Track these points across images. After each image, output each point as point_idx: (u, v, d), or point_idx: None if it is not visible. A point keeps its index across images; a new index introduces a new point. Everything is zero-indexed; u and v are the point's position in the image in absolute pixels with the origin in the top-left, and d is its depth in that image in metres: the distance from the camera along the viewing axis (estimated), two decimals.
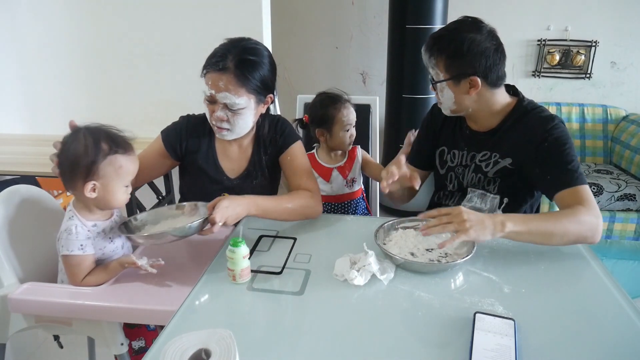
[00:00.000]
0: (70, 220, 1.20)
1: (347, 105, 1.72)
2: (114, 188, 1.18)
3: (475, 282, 1.11)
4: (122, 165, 1.17)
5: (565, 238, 1.18)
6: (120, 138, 1.20)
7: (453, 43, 1.30)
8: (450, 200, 1.53)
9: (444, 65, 1.33)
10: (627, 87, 3.32)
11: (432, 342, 0.91)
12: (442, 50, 1.32)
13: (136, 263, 1.16)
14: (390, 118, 3.23)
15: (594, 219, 1.19)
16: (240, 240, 1.10)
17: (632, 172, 2.92)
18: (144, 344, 1.34)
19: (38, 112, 2.64)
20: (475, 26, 1.32)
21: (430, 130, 1.56)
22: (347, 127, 1.72)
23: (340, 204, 1.80)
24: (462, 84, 1.33)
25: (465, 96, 1.34)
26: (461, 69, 1.31)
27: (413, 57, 2.92)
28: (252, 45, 1.37)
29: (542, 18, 3.24)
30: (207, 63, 1.35)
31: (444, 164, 1.53)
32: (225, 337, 0.77)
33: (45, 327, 1.26)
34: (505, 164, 1.38)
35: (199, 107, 1.43)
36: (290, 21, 3.60)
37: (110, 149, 1.16)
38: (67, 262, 1.19)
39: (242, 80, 1.32)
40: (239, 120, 1.37)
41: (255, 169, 1.52)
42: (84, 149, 1.14)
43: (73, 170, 1.15)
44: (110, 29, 2.44)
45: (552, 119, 1.33)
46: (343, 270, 1.12)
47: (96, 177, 1.15)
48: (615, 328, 0.94)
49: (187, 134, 1.47)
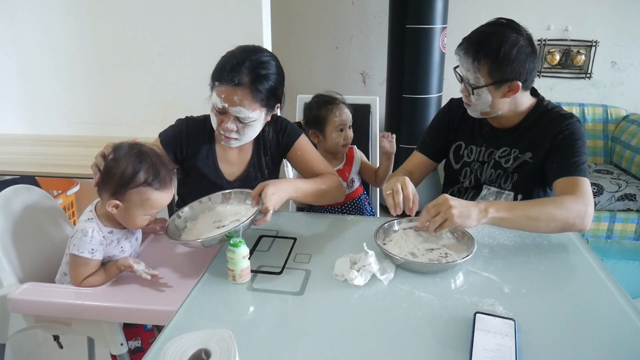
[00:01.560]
0: (89, 222, 1.20)
1: (340, 106, 1.71)
2: (134, 214, 1.19)
3: (475, 282, 1.11)
4: (149, 199, 1.17)
5: (552, 224, 1.19)
6: (164, 171, 1.19)
7: (501, 49, 1.27)
8: (464, 196, 1.53)
9: (487, 70, 1.30)
10: (628, 87, 3.32)
11: (432, 342, 0.91)
12: (489, 55, 1.29)
13: (132, 267, 1.16)
14: (390, 118, 3.23)
15: (582, 206, 1.20)
16: (240, 240, 1.10)
17: (633, 172, 2.92)
18: (139, 344, 1.34)
19: (38, 112, 2.63)
20: (517, 30, 1.31)
21: (447, 124, 1.56)
22: (340, 127, 1.70)
23: (342, 206, 1.79)
24: (502, 88, 1.31)
25: (502, 100, 1.33)
26: (506, 75, 1.29)
27: (413, 57, 2.92)
28: (265, 58, 1.35)
29: (542, 18, 3.24)
30: (218, 75, 1.32)
31: (459, 158, 1.53)
32: (225, 337, 0.77)
33: (45, 327, 1.26)
34: (526, 157, 1.39)
35: (199, 107, 1.43)
36: (290, 21, 3.60)
37: (145, 181, 1.16)
38: (73, 261, 1.19)
39: (257, 95, 1.31)
40: (248, 131, 1.37)
41: (255, 171, 1.52)
42: (123, 169, 1.14)
43: (105, 182, 1.17)
44: (110, 29, 2.44)
45: (571, 116, 1.36)
46: (343, 270, 1.12)
47: (121, 198, 1.16)
48: (615, 328, 0.94)
49: (187, 138, 1.45)
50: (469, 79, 1.34)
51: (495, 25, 1.33)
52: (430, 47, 2.87)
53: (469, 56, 1.31)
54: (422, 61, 2.92)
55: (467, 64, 1.32)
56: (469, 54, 1.31)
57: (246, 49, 1.36)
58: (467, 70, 1.33)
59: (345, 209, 1.79)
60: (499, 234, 1.32)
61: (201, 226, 1.29)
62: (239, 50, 1.36)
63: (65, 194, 2.63)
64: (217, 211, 1.34)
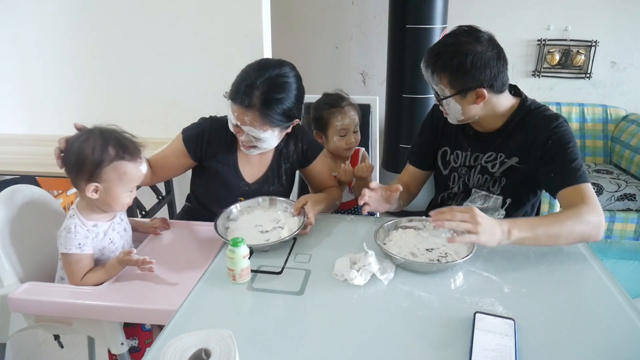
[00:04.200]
0: (71, 218, 1.20)
1: (344, 110, 1.66)
2: (117, 192, 1.18)
3: (475, 282, 1.11)
4: (126, 172, 1.17)
5: (571, 238, 1.19)
6: (131, 144, 1.19)
7: (455, 59, 1.26)
8: (454, 202, 1.52)
9: (448, 81, 1.30)
10: (627, 87, 3.32)
11: (432, 342, 0.91)
12: (445, 67, 1.29)
13: (132, 251, 1.16)
14: (390, 118, 3.23)
15: (597, 217, 1.19)
16: (240, 240, 1.10)
17: (632, 172, 2.92)
18: (136, 344, 1.34)
19: (38, 112, 2.63)
20: (474, 36, 1.28)
21: (432, 131, 1.55)
22: (342, 133, 1.67)
23: (344, 212, 1.76)
24: (468, 96, 1.30)
25: (472, 106, 1.32)
26: (466, 84, 1.28)
27: (413, 57, 2.91)
28: (282, 80, 1.33)
29: (542, 18, 3.24)
30: (232, 92, 1.34)
31: (447, 164, 1.52)
32: (225, 337, 0.77)
33: (46, 327, 1.26)
34: (512, 162, 1.37)
35: (199, 107, 1.44)
36: (290, 21, 3.60)
37: (117, 154, 1.16)
38: (65, 261, 1.19)
39: (267, 119, 1.33)
40: (264, 145, 1.40)
41: (273, 176, 1.54)
42: (91, 150, 1.14)
43: (78, 170, 1.16)
44: (110, 29, 2.44)
45: (557, 117, 1.33)
46: (343, 270, 1.12)
47: (99, 180, 1.16)
48: (615, 328, 0.95)
49: (210, 137, 1.47)
50: (435, 90, 1.36)
51: (454, 35, 1.31)
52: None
53: (428, 70, 1.33)
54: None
55: (428, 76, 1.34)
56: (429, 68, 1.33)
57: (262, 66, 1.35)
58: (431, 83, 1.35)
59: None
60: None
61: (243, 228, 1.36)
62: (257, 66, 1.35)
63: (65, 194, 2.63)
64: (257, 215, 1.42)
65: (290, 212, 1.40)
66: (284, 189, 1.57)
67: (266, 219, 1.39)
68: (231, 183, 1.50)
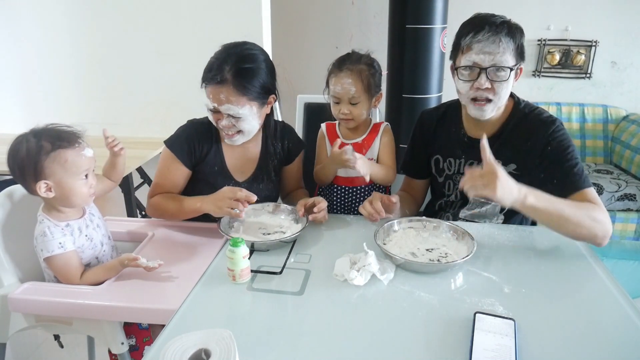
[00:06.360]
0: (42, 224, 1.18)
1: (341, 75, 1.47)
2: (69, 184, 1.15)
3: (475, 282, 1.11)
4: (67, 159, 1.14)
5: (578, 230, 1.18)
6: (65, 133, 1.16)
7: (516, 29, 1.27)
8: (451, 209, 1.50)
9: (514, 48, 1.26)
10: (627, 87, 3.32)
11: (432, 342, 0.91)
12: (513, 35, 1.26)
13: (138, 258, 1.15)
14: (390, 118, 3.23)
15: (607, 223, 1.19)
16: (240, 240, 1.10)
17: (632, 172, 2.92)
18: (134, 342, 1.34)
19: (38, 112, 2.63)
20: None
21: (422, 139, 1.53)
22: (336, 100, 1.48)
23: (352, 189, 1.56)
24: (518, 70, 1.31)
25: (511, 86, 1.30)
26: (522, 56, 1.29)
27: (413, 57, 2.91)
28: (247, 52, 1.36)
29: (542, 18, 3.24)
30: (204, 76, 1.35)
31: (441, 172, 1.50)
32: (225, 337, 0.77)
33: (46, 327, 1.26)
34: (510, 170, 1.35)
35: (199, 107, 1.43)
36: (290, 21, 3.60)
37: (52, 146, 1.13)
38: (53, 266, 1.17)
39: (241, 90, 1.32)
40: (245, 125, 1.38)
41: (262, 173, 1.54)
42: (26, 150, 1.12)
43: (22, 174, 1.14)
44: (111, 29, 2.44)
45: (553, 122, 1.32)
46: (343, 270, 1.12)
47: (44, 176, 1.13)
48: (616, 328, 0.95)
49: (198, 141, 1.46)
50: (494, 62, 1.24)
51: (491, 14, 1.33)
52: (430, 47, 2.87)
53: (499, 34, 1.23)
54: (422, 61, 2.92)
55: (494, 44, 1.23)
56: (499, 32, 1.24)
57: (228, 46, 1.38)
58: (493, 53, 1.23)
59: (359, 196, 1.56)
60: (499, 234, 1.33)
61: (247, 228, 1.38)
62: (223, 48, 1.38)
63: None
64: (261, 219, 1.44)
65: (294, 219, 1.42)
66: (273, 185, 1.57)
67: (270, 224, 1.41)
68: (221, 184, 1.46)
